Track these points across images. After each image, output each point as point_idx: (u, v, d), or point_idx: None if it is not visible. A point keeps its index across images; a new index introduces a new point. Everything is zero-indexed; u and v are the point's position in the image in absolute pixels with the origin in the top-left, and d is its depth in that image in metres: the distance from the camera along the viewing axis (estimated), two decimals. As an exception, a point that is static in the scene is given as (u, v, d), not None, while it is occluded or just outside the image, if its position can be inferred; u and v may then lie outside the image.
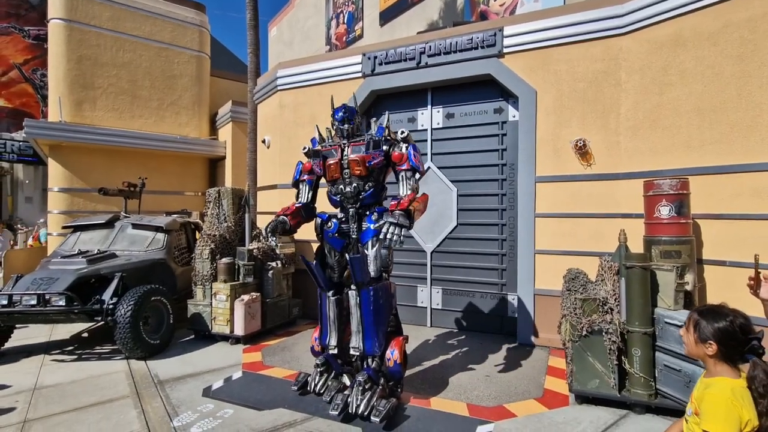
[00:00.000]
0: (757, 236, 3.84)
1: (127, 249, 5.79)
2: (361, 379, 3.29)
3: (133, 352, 4.59)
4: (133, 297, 4.62)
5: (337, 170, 3.61)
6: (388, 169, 3.69)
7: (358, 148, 3.59)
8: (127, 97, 10.36)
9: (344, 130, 3.67)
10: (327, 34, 12.97)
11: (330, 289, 3.66)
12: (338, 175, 3.61)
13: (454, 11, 9.08)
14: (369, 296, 3.39)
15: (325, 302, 3.67)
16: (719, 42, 4.08)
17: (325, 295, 3.67)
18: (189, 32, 11.31)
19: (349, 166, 3.57)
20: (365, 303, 3.39)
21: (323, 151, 3.73)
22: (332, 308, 3.64)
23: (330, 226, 3.65)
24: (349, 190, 3.59)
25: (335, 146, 3.68)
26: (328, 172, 3.64)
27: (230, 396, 3.69)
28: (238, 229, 6.07)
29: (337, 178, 3.63)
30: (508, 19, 5.59)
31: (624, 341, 3.43)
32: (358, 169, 3.53)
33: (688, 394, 3.10)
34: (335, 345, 3.64)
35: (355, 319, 3.45)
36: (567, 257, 4.87)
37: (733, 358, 1.58)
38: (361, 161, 3.52)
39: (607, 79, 4.81)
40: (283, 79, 6.88)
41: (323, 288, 3.67)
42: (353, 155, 3.56)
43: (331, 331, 3.66)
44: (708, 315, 1.65)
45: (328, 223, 3.68)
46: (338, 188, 3.65)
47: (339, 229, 3.65)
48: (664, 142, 4.45)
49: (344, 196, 3.63)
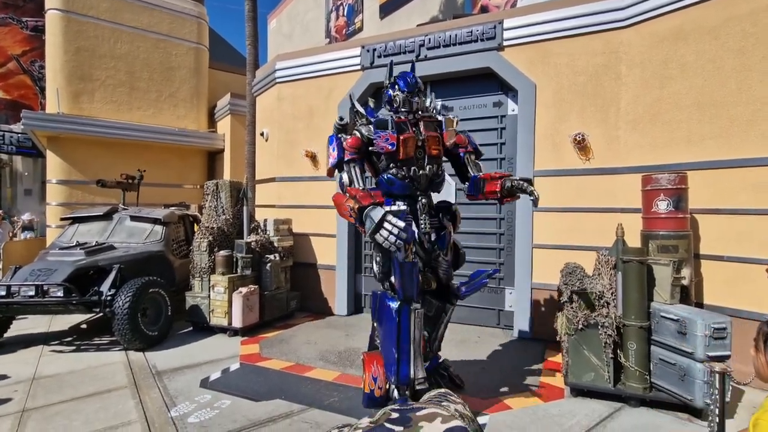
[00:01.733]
0: (756, 231, 3.84)
1: (125, 241, 5.78)
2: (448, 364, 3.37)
3: (131, 343, 4.60)
4: (131, 289, 4.63)
5: (413, 148, 2.95)
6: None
7: (431, 125, 3.04)
8: (125, 89, 10.31)
9: (414, 102, 3.03)
10: (327, 26, 12.87)
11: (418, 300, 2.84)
12: (413, 153, 2.95)
13: (455, 4, 9.00)
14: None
15: (407, 317, 2.71)
16: (720, 35, 4.05)
17: (406, 308, 2.73)
18: (187, 24, 11.22)
19: (425, 145, 2.96)
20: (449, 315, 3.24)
21: (398, 121, 2.97)
22: (420, 325, 2.78)
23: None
24: (425, 173, 2.98)
25: (405, 119, 3.02)
26: (403, 148, 2.90)
27: (227, 387, 3.71)
28: (236, 222, 6.07)
29: (411, 158, 2.95)
30: (508, 12, 5.54)
31: (620, 335, 3.44)
32: (437, 149, 2.99)
33: (683, 388, 3.14)
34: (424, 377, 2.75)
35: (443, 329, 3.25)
36: (564, 251, 4.87)
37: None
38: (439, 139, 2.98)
39: (607, 73, 4.78)
40: (282, 72, 6.84)
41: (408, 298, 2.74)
42: (427, 131, 2.99)
43: (416, 358, 2.72)
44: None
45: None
46: (410, 171, 2.95)
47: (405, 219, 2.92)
48: (664, 137, 4.43)
49: (417, 182, 2.98)
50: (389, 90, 3.14)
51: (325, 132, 6.45)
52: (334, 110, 6.37)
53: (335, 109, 6.36)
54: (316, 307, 6.42)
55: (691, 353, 3.10)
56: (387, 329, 2.76)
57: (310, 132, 6.62)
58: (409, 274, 2.70)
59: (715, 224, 4.10)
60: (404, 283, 2.71)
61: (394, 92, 3.06)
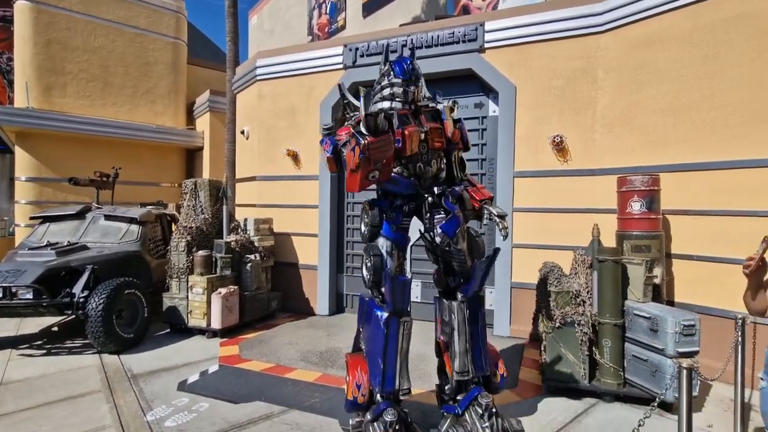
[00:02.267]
0: (722, 232, 4.00)
1: (99, 241, 5.61)
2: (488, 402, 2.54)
3: (105, 346, 4.47)
4: (106, 290, 4.50)
5: (418, 142, 2.62)
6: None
7: (429, 115, 2.75)
8: (99, 84, 10.00)
9: (410, 92, 2.69)
10: (309, 24, 12.77)
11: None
12: (418, 148, 2.63)
13: (437, 4, 9.06)
14: (481, 308, 2.73)
15: (396, 329, 2.59)
16: (692, 42, 4.20)
17: (395, 320, 2.59)
18: (165, 18, 10.96)
19: (428, 139, 2.66)
20: (477, 316, 2.68)
21: (400, 113, 2.61)
22: (408, 336, 2.65)
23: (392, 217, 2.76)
24: (430, 168, 2.71)
25: (406, 110, 2.68)
26: (408, 143, 2.56)
27: (206, 389, 3.65)
28: (215, 222, 5.96)
29: (415, 154, 2.64)
30: (490, 14, 5.62)
31: (595, 332, 3.53)
32: (440, 141, 2.69)
33: (655, 383, 3.24)
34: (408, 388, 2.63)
35: (464, 338, 2.64)
36: (543, 251, 4.97)
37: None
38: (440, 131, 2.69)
39: (584, 77, 4.89)
40: (263, 69, 6.76)
41: (398, 311, 2.60)
42: (428, 123, 2.69)
43: (402, 369, 2.61)
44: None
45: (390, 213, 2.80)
46: (416, 168, 2.68)
47: (401, 224, 2.78)
48: (638, 140, 4.57)
49: (423, 180, 2.72)
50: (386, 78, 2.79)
51: (307, 130, 6.42)
52: (316, 109, 6.33)
53: (317, 108, 6.32)
54: (298, 308, 6.37)
55: (662, 349, 3.21)
56: (374, 339, 2.64)
57: (291, 130, 6.56)
58: (401, 288, 2.58)
59: (685, 225, 4.26)
60: (395, 297, 2.58)
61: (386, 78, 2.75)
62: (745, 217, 3.87)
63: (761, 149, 3.80)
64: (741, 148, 3.91)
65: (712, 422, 3.15)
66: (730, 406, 3.26)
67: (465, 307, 2.66)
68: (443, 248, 2.67)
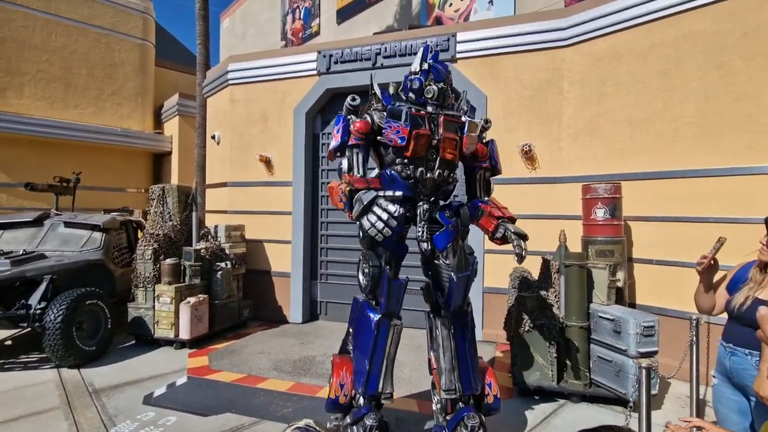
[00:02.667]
0: (679, 237, 4.23)
1: (59, 249, 5.34)
2: (474, 425, 2.45)
3: (64, 360, 4.25)
4: (65, 301, 4.29)
5: (425, 147, 2.55)
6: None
7: (452, 126, 2.60)
8: (60, 85, 9.57)
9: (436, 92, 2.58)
10: (282, 29, 12.69)
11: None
12: (424, 152, 2.56)
13: (410, 14, 9.22)
14: (467, 324, 2.63)
15: (386, 332, 2.59)
16: (648, 58, 4.45)
17: (386, 322, 2.59)
18: (132, 18, 10.64)
19: (440, 146, 2.56)
20: (463, 333, 2.60)
21: (415, 114, 2.54)
22: (396, 340, 2.64)
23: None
24: (432, 176, 2.59)
25: (423, 113, 2.58)
26: (415, 145, 2.51)
27: (174, 402, 3.53)
28: (184, 229, 5.79)
29: (421, 157, 2.57)
30: (461, 26, 5.77)
31: (563, 335, 3.65)
32: (452, 153, 2.58)
33: (618, 383, 3.38)
34: (391, 393, 2.63)
35: (449, 354, 2.58)
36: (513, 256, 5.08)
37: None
38: (456, 144, 2.58)
39: (551, 88, 5.09)
40: (235, 74, 6.66)
41: (390, 313, 2.59)
42: (446, 132, 2.57)
43: (386, 373, 2.62)
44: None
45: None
46: (416, 171, 2.57)
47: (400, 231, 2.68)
48: (602, 149, 4.79)
49: (422, 185, 2.62)
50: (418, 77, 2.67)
51: (281, 136, 6.36)
52: (290, 115, 6.29)
53: (290, 114, 6.28)
54: (271, 316, 6.26)
55: (625, 350, 3.35)
56: (362, 340, 2.64)
57: (264, 136, 6.48)
58: (397, 290, 2.54)
59: (645, 231, 4.48)
60: (390, 299, 2.55)
61: (426, 81, 2.62)
62: (698, 223, 4.11)
63: (712, 159, 4.06)
64: (694, 159, 4.17)
65: (670, 419, 3.30)
66: (688, 403, 3.44)
67: (449, 323, 2.59)
68: (433, 260, 2.66)
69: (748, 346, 1.80)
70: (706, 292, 2.06)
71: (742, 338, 1.87)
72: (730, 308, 1.95)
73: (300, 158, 6.20)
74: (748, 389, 1.85)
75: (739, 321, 1.90)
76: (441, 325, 2.61)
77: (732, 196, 3.94)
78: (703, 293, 2.07)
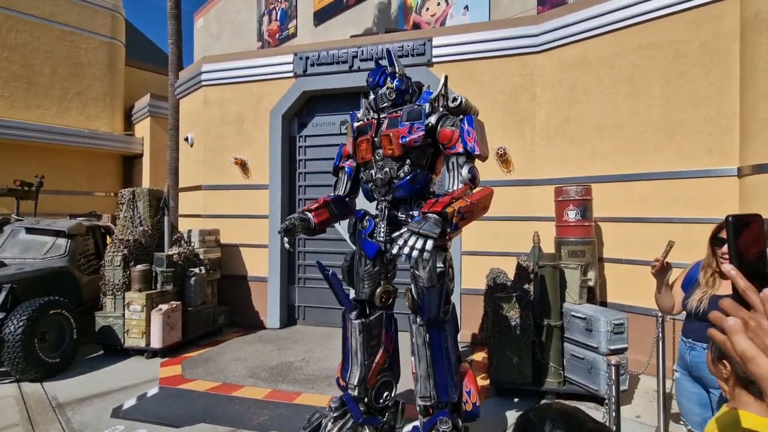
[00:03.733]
0: (644, 237, 4.39)
1: (20, 256, 5.09)
2: (446, 429, 2.50)
3: (25, 373, 4.04)
4: (26, 311, 4.08)
5: (369, 150, 2.71)
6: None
7: (395, 121, 2.68)
8: (21, 84, 9.14)
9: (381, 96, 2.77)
10: (259, 29, 12.52)
11: (354, 309, 2.82)
12: (370, 156, 2.72)
13: (388, 17, 9.26)
14: (445, 332, 2.61)
15: (347, 326, 2.83)
16: (615, 65, 4.62)
17: (347, 316, 2.84)
18: (100, 16, 10.28)
19: (381, 145, 2.67)
20: (437, 341, 2.58)
21: (361, 126, 2.82)
22: (356, 335, 2.77)
23: (365, 226, 2.82)
24: (380, 176, 2.68)
25: (372, 120, 2.79)
26: (359, 152, 2.77)
27: (144, 415, 3.40)
28: (155, 234, 5.61)
29: (369, 161, 2.74)
30: (437, 30, 5.83)
31: (537, 334, 3.73)
32: (390, 149, 2.63)
33: (590, 380, 3.48)
34: (356, 384, 2.78)
35: (425, 362, 2.60)
36: (490, 257, 5.18)
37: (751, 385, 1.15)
38: (393, 137, 2.60)
39: (524, 93, 5.21)
40: (209, 74, 6.52)
41: (345, 307, 2.86)
42: (387, 129, 2.67)
43: (353, 366, 2.80)
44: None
45: (363, 222, 2.85)
46: (369, 174, 2.76)
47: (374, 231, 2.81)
48: (573, 153, 4.93)
49: (374, 185, 2.75)
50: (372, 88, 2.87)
51: (256, 139, 6.27)
52: (266, 116, 6.20)
53: (266, 116, 6.19)
54: (247, 321, 6.14)
55: (596, 348, 3.45)
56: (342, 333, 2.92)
57: (240, 138, 6.37)
58: (333, 280, 2.74)
59: (614, 231, 4.63)
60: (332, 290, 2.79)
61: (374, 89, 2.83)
62: (662, 223, 4.29)
63: (675, 162, 4.25)
64: (659, 162, 4.34)
65: (639, 413, 3.43)
66: (655, 397, 3.56)
67: (424, 331, 2.58)
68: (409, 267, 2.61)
69: (706, 341, 1.88)
70: (661, 293, 2.15)
71: (699, 333, 1.97)
72: (687, 307, 2.05)
73: (276, 161, 6.12)
74: (707, 381, 1.93)
75: (697, 318, 1.99)
76: (416, 332, 2.60)
77: (694, 197, 4.13)
78: (661, 294, 2.15)
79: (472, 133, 2.51)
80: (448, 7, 8.24)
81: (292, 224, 2.73)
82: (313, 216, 2.83)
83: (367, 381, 2.81)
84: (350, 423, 2.75)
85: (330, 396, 3.74)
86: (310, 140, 6.25)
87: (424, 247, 2.09)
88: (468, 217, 2.36)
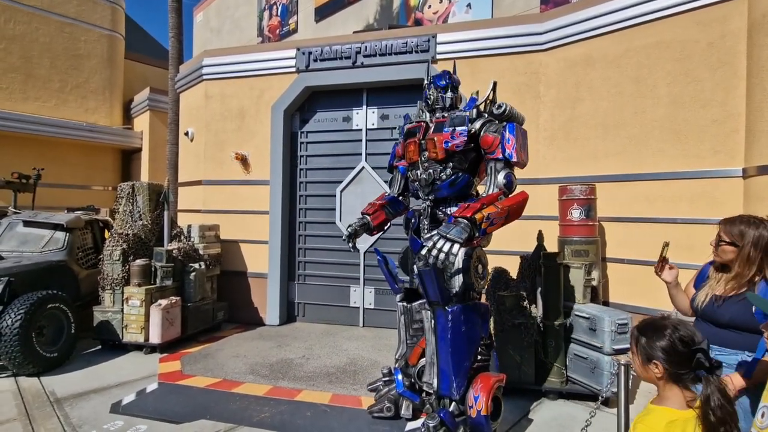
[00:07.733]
0: (648, 237, 4.38)
1: (17, 250, 5.03)
2: (430, 424, 2.52)
3: (22, 367, 3.99)
4: (24, 305, 4.03)
5: (416, 152, 2.95)
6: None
7: (441, 126, 2.91)
8: (18, 76, 9.04)
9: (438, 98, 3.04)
10: (259, 25, 12.45)
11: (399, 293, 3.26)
12: (416, 157, 2.95)
13: (390, 14, 9.21)
14: (446, 320, 2.61)
15: (398, 307, 3.28)
16: (620, 65, 4.60)
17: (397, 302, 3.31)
18: (99, 8, 10.18)
19: (427, 147, 2.90)
20: (441, 328, 2.60)
21: (411, 128, 3.08)
22: (400, 315, 3.24)
23: (413, 223, 3.10)
24: (424, 177, 2.90)
25: (421, 122, 3.05)
26: (407, 153, 3.02)
27: (144, 410, 3.37)
28: (155, 228, 5.56)
29: (415, 161, 2.98)
30: (442, 27, 5.80)
31: (540, 334, 3.71)
32: (434, 152, 2.84)
33: (594, 379, 3.46)
34: (397, 358, 3.23)
35: (430, 348, 2.69)
36: (493, 256, 5.11)
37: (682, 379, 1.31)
38: (438, 141, 2.81)
39: (528, 91, 5.18)
40: (210, 68, 6.46)
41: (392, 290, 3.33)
42: (432, 133, 2.90)
43: (399, 341, 3.29)
44: (647, 330, 1.39)
45: (412, 219, 3.12)
46: (415, 174, 3.01)
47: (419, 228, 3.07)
48: (577, 152, 4.90)
49: (419, 184, 2.98)
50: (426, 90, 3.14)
51: (257, 134, 6.22)
52: (267, 111, 6.15)
53: (268, 111, 6.15)
54: (247, 318, 6.10)
55: (600, 347, 3.44)
56: None
57: (240, 133, 6.32)
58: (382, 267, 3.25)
59: (618, 231, 4.62)
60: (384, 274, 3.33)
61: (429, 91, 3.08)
62: (667, 223, 4.27)
63: (680, 162, 4.23)
64: (664, 162, 4.33)
65: (643, 413, 3.41)
66: (658, 398, 3.56)
67: (431, 316, 2.68)
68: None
69: (713, 342, 1.85)
70: (674, 291, 2.12)
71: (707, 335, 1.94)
72: (694, 306, 2.01)
73: (278, 156, 6.08)
74: None
75: (703, 318, 1.96)
76: (425, 317, 2.80)
77: (699, 197, 4.12)
78: (675, 294, 2.13)
79: (512, 141, 2.65)
80: (450, 4, 8.20)
81: (355, 230, 3.19)
82: (371, 219, 3.25)
83: (408, 358, 3.15)
84: (394, 390, 3.16)
85: (332, 394, 3.72)
86: (312, 136, 6.21)
87: (450, 251, 2.26)
88: (498, 222, 2.50)
